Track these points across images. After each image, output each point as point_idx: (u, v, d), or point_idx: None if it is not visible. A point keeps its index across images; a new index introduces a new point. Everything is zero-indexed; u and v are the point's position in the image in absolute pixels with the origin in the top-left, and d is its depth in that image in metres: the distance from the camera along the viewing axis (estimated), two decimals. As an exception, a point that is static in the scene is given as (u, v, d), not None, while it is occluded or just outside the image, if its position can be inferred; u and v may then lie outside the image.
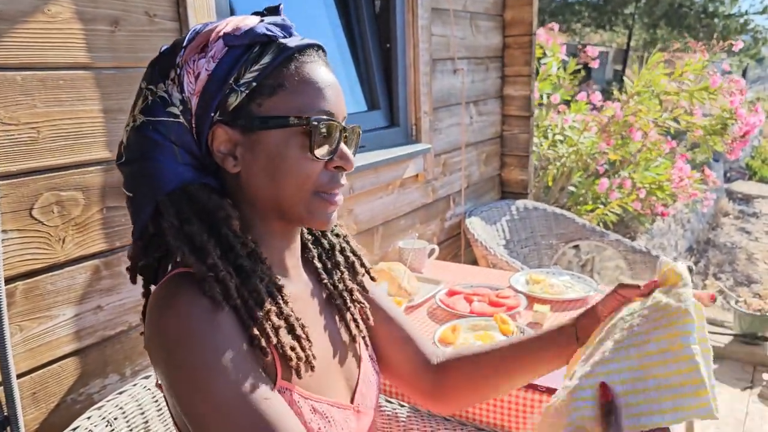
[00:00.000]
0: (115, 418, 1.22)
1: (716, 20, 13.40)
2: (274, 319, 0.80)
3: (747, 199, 8.59)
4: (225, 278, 0.77)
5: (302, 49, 0.83)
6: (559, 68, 3.80)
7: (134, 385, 1.27)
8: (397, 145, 2.35)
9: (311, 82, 0.82)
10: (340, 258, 1.01)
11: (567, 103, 3.93)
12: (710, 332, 3.71)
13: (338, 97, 0.85)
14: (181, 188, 0.81)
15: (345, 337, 0.96)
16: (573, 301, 1.87)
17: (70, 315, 1.29)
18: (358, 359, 0.98)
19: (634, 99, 3.50)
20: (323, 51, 0.88)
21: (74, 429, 1.14)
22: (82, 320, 1.31)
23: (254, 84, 0.81)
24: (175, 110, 0.81)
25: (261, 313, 0.79)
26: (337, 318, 0.97)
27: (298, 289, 0.91)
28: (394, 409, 1.45)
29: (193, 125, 0.82)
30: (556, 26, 3.86)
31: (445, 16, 2.55)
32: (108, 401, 1.23)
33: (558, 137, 3.73)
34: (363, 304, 1.01)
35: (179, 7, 1.43)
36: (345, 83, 2.30)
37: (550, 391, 1.38)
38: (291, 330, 0.81)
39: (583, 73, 5.22)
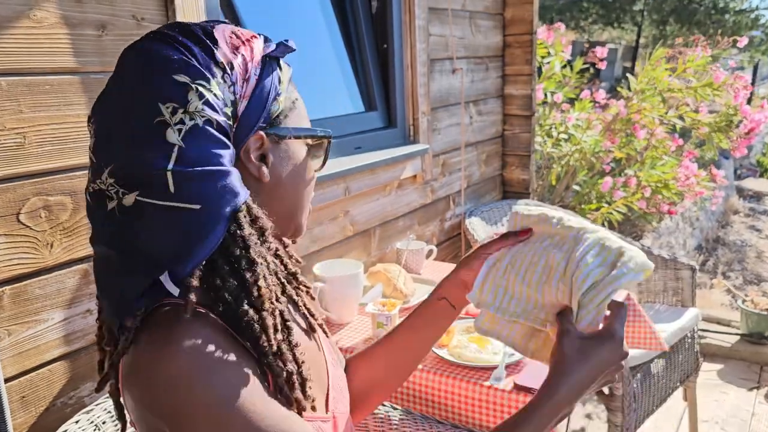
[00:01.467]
0: (104, 422, 1.22)
1: (727, 16, 13.27)
2: (290, 366, 0.75)
3: (758, 197, 8.49)
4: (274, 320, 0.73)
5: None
6: (564, 66, 3.77)
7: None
8: (394, 146, 2.34)
9: (302, 102, 0.87)
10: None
11: (572, 101, 3.91)
12: (716, 332, 3.69)
13: None
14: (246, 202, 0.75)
15: (315, 347, 0.94)
16: (570, 302, 1.85)
17: (59, 319, 1.29)
18: (326, 365, 0.95)
19: (638, 96, 3.47)
20: None
21: (63, 432, 1.14)
22: (71, 324, 1.31)
23: (286, 96, 0.82)
24: (228, 111, 0.75)
25: (285, 361, 0.74)
26: (305, 325, 0.94)
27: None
28: (387, 411, 1.45)
29: (234, 130, 0.76)
30: (562, 26, 3.83)
31: (444, 16, 2.54)
32: (97, 405, 1.24)
33: (562, 136, 3.71)
34: (309, 290, 0.98)
35: (167, 11, 1.43)
36: (341, 84, 2.30)
37: (543, 394, 1.37)
38: (301, 381, 0.77)
39: (591, 71, 5.19)
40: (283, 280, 0.82)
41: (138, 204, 0.69)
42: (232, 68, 0.76)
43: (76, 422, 1.17)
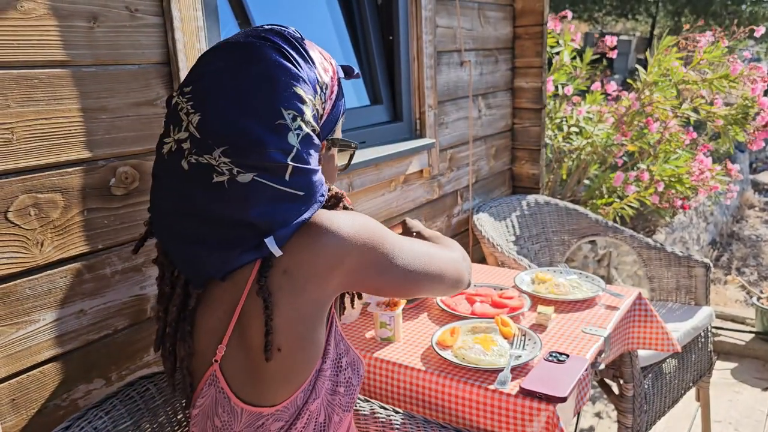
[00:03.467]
0: (96, 429, 1.18)
1: (743, 6, 13.05)
2: None
3: (774, 191, 8.35)
4: None
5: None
6: (574, 58, 3.69)
7: (119, 391, 1.24)
8: (400, 141, 2.29)
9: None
10: None
11: (583, 94, 3.82)
12: (730, 329, 3.61)
13: None
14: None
15: None
16: (578, 302, 1.80)
17: (50, 319, 1.25)
18: None
19: (651, 89, 3.39)
20: None
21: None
22: (64, 324, 1.28)
23: (342, 112, 1.08)
24: (318, 124, 1.00)
25: None
26: None
27: None
28: (389, 415, 1.41)
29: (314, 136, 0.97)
30: (569, 13, 3.75)
31: (451, 7, 2.47)
32: (89, 410, 1.20)
33: (573, 129, 3.63)
34: None
35: (162, 1, 1.38)
36: (346, 77, 2.25)
37: (549, 399, 1.32)
38: None
39: (604, 63, 5.09)
40: None
41: (255, 182, 0.88)
42: (326, 88, 0.99)
43: (66, 428, 1.13)
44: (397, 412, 1.41)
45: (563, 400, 1.32)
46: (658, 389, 2.25)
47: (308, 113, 0.93)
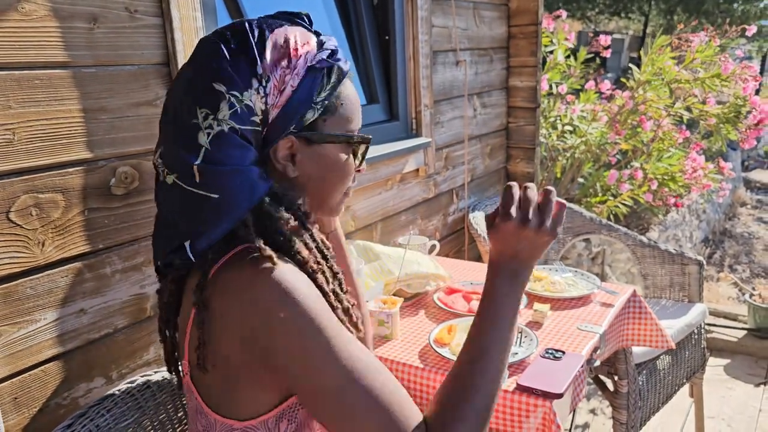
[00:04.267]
0: (98, 426, 1.19)
1: (735, 5, 13.12)
2: (342, 296, 0.97)
3: (765, 188, 8.42)
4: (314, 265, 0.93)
5: (347, 71, 0.96)
6: (568, 56, 3.72)
7: (119, 389, 1.25)
8: (396, 140, 2.31)
9: (355, 101, 0.97)
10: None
11: (577, 92, 3.85)
12: (723, 326, 3.65)
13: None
14: (252, 211, 0.89)
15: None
16: (574, 299, 1.82)
17: (51, 319, 1.26)
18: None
19: (644, 87, 3.41)
20: None
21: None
22: (64, 324, 1.29)
23: (326, 102, 0.92)
24: (257, 119, 0.88)
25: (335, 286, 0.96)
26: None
27: None
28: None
29: (264, 134, 0.90)
30: (563, 12, 3.77)
31: (447, 7, 2.49)
32: (91, 407, 1.21)
33: (567, 128, 3.66)
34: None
35: (162, 2, 1.39)
36: (343, 77, 2.26)
37: (546, 395, 1.34)
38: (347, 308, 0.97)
39: (597, 61, 5.11)
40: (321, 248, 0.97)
41: (175, 184, 0.87)
42: (268, 81, 0.88)
43: (68, 426, 1.14)
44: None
45: (560, 396, 1.33)
46: (653, 385, 2.28)
47: (225, 110, 0.86)
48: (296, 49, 0.90)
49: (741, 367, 3.34)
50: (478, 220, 2.66)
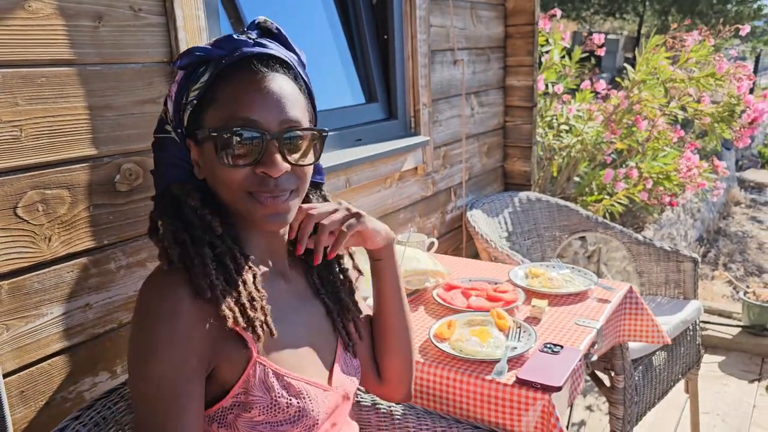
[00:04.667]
0: (104, 418, 1.21)
1: (729, 6, 13.20)
2: (244, 300, 0.91)
3: (759, 188, 8.47)
4: (180, 250, 0.91)
5: (236, 62, 0.92)
6: (563, 56, 3.74)
7: (124, 383, 1.26)
8: (395, 138, 2.33)
9: (235, 94, 0.90)
10: (337, 273, 1.18)
11: (572, 92, 3.87)
12: (718, 323, 3.68)
13: (270, 106, 0.90)
14: (165, 188, 0.99)
15: (325, 327, 1.12)
16: (571, 295, 1.85)
17: (58, 313, 1.28)
18: (335, 348, 1.12)
19: (639, 87, 3.44)
20: (275, 60, 0.95)
21: (62, 429, 1.13)
22: (70, 318, 1.30)
23: (195, 102, 0.93)
24: (169, 127, 0.99)
25: (230, 295, 0.90)
26: (323, 310, 1.12)
27: (292, 286, 1.07)
28: (390, 406, 1.44)
29: (177, 136, 0.99)
30: (558, 12, 3.80)
31: (444, 6, 2.51)
32: (97, 400, 1.23)
33: (563, 127, 3.68)
34: (356, 317, 1.18)
35: (165, 1, 1.41)
36: (342, 75, 2.28)
37: (545, 388, 1.36)
38: (254, 307, 0.92)
39: (593, 61, 5.14)
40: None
41: None
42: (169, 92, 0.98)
43: (76, 418, 1.16)
44: (397, 403, 1.44)
45: (558, 389, 1.36)
46: (648, 381, 2.30)
47: (162, 113, 1.02)
48: (179, 58, 0.94)
49: (735, 364, 3.38)
50: (476, 218, 2.68)
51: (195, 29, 1.46)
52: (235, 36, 0.94)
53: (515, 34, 3.00)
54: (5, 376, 1.20)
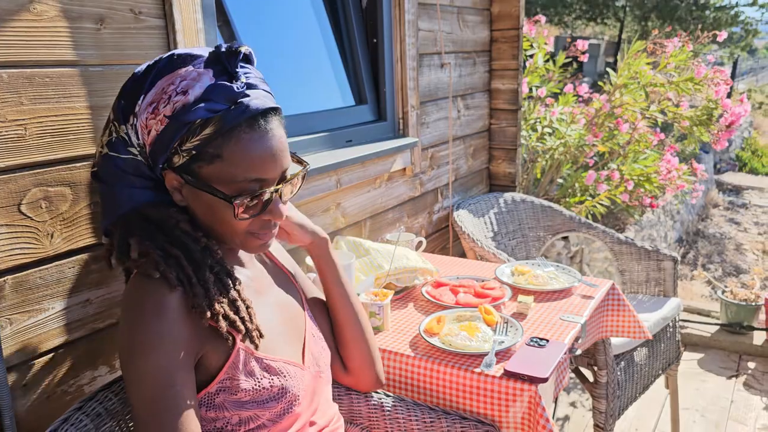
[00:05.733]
0: (106, 409, 1.24)
1: (707, 12, 13.43)
2: (223, 300, 1.00)
3: (737, 190, 8.65)
4: (177, 271, 0.98)
5: (244, 121, 0.96)
6: (547, 60, 3.82)
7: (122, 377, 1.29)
8: (384, 139, 2.38)
9: (246, 156, 0.97)
10: None
11: (556, 96, 3.95)
12: (696, 322, 3.78)
13: (276, 161, 1.00)
14: (133, 210, 1.05)
15: (295, 307, 1.24)
16: (556, 292, 1.90)
17: (59, 308, 1.31)
18: (304, 325, 1.23)
19: (620, 91, 3.53)
20: (274, 112, 1.01)
21: (65, 419, 1.16)
22: (71, 313, 1.33)
23: (194, 152, 0.97)
24: (134, 150, 1.03)
25: (211, 297, 0.99)
26: (288, 293, 1.25)
27: (253, 273, 1.17)
28: (380, 398, 1.48)
29: (148, 162, 1.03)
30: (542, 18, 3.88)
31: (432, 11, 2.57)
32: (96, 393, 1.25)
33: (546, 130, 3.76)
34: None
35: (165, 4, 1.44)
36: (332, 78, 2.33)
37: (532, 380, 1.41)
38: (236, 310, 1.01)
39: (575, 65, 5.24)
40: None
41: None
42: (136, 119, 1.01)
43: (79, 408, 1.19)
44: (387, 396, 1.49)
45: (545, 380, 1.41)
46: (630, 376, 2.37)
47: (106, 136, 1.08)
48: (168, 97, 0.97)
49: (714, 361, 3.47)
50: (462, 218, 2.74)
51: (193, 32, 1.50)
52: (227, 85, 0.97)
53: (500, 39, 3.07)
54: (8, 369, 1.23)
